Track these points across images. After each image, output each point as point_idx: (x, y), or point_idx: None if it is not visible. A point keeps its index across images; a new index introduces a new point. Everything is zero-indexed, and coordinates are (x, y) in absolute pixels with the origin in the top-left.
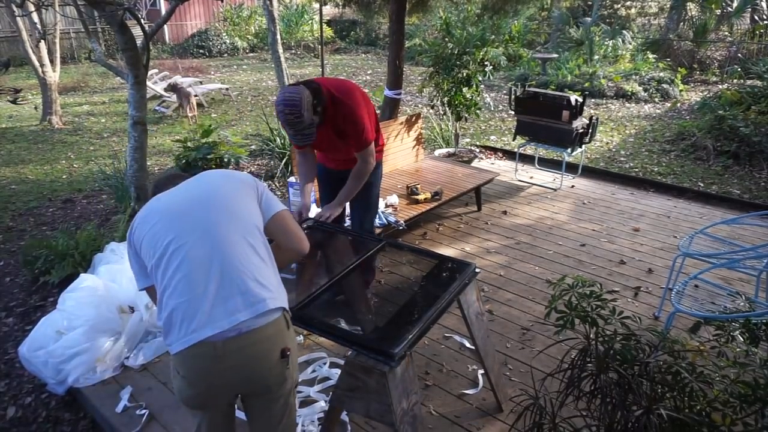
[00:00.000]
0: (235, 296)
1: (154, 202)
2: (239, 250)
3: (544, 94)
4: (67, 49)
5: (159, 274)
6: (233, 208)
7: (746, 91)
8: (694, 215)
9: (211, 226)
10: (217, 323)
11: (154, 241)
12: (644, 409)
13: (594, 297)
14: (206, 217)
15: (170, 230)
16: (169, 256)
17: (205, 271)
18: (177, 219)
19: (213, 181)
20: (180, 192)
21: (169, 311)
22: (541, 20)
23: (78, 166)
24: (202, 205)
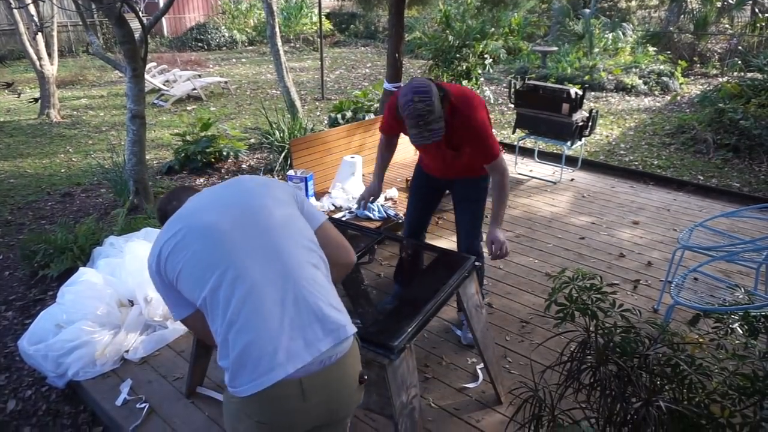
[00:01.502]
0: (312, 325)
1: (178, 222)
2: (307, 272)
3: (543, 87)
4: (65, 43)
5: (217, 308)
6: (286, 223)
7: (746, 84)
8: (694, 208)
9: (271, 246)
10: (298, 358)
11: (201, 270)
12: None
13: (594, 290)
14: (261, 237)
15: (221, 256)
16: (228, 286)
17: (278, 299)
18: (225, 241)
19: (252, 192)
20: (214, 207)
21: (241, 349)
22: (541, 13)
23: (76, 160)
24: (252, 222)
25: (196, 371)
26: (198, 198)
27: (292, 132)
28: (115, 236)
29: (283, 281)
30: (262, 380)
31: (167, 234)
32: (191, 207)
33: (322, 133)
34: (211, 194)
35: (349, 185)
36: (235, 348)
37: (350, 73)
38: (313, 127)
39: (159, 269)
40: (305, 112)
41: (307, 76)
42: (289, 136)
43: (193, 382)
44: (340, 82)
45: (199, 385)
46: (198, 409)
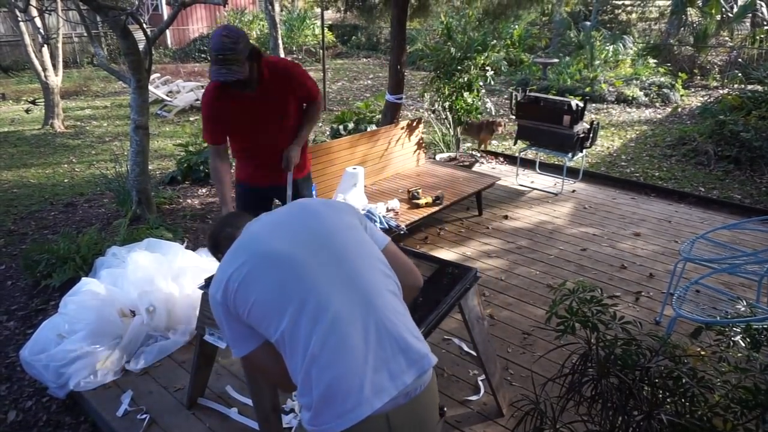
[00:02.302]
0: (396, 356)
1: (243, 252)
2: (387, 300)
3: (545, 98)
4: (70, 54)
5: (298, 342)
6: (360, 248)
7: (747, 96)
8: (695, 220)
9: (348, 273)
10: (385, 392)
11: (278, 302)
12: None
13: (595, 302)
14: (337, 264)
15: (298, 286)
16: (309, 318)
17: (361, 331)
18: (300, 270)
19: (320, 216)
20: (282, 234)
21: (327, 385)
22: (542, 25)
23: (80, 170)
24: (325, 247)
25: (198, 382)
26: (259, 224)
27: None
28: (117, 246)
29: (365, 311)
30: (349, 416)
31: (233, 264)
32: (254, 234)
33: (325, 144)
34: (274, 220)
35: (351, 196)
36: (320, 384)
37: (352, 85)
38: (315, 138)
39: (226, 301)
40: None
41: None
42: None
43: (195, 393)
44: (343, 94)
45: (201, 396)
46: (199, 420)
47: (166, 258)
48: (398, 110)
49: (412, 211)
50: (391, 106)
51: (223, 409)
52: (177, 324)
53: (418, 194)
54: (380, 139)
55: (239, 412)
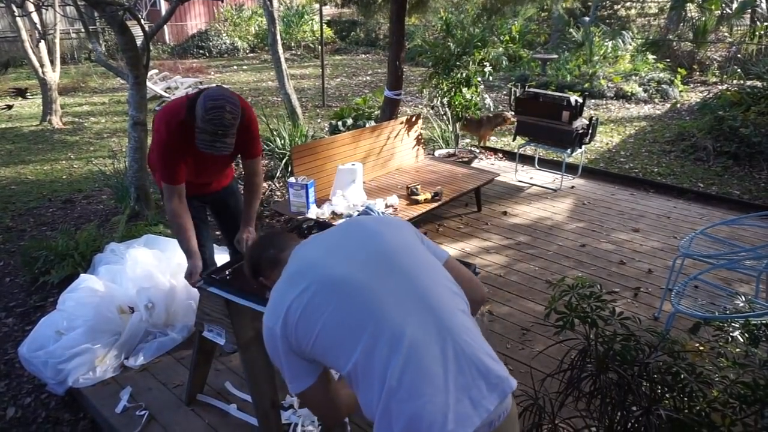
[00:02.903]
0: (477, 381)
1: (301, 278)
2: (460, 321)
3: (544, 94)
4: (68, 50)
5: (373, 374)
6: (426, 267)
7: (746, 92)
8: (694, 216)
9: (418, 295)
10: (468, 421)
11: (348, 331)
12: (644, 410)
13: (594, 298)
14: (405, 285)
15: (368, 313)
16: (384, 347)
17: (440, 357)
18: (367, 295)
19: (378, 235)
20: (340, 256)
21: (408, 419)
22: (541, 21)
23: (78, 167)
24: (389, 269)
25: (197, 379)
26: (312, 247)
27: (293, 139)
28: (116, 243)
29: (440, 334)
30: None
31: (292, 292)
32: (310, 258)
33: (323, 140)
34: (329, 242)
35: (349, 192)
36: (401, 419)
37: (351, 81)
38: (314, 134)
39: (286, 333)
40: (306, 119)
41: (308, 83)
42: (290, 143)
43: (194, 389)
44: (341, 90)
45: (200, 392)
46: (198, 416)
47: (165, 254)
48: (397, 106)
49: (411, 207)
50: (390, 102)
51: (222, 406)
52: (176, 320)
53: (417, 190)
54: (379, 135)
55: (238, 408)
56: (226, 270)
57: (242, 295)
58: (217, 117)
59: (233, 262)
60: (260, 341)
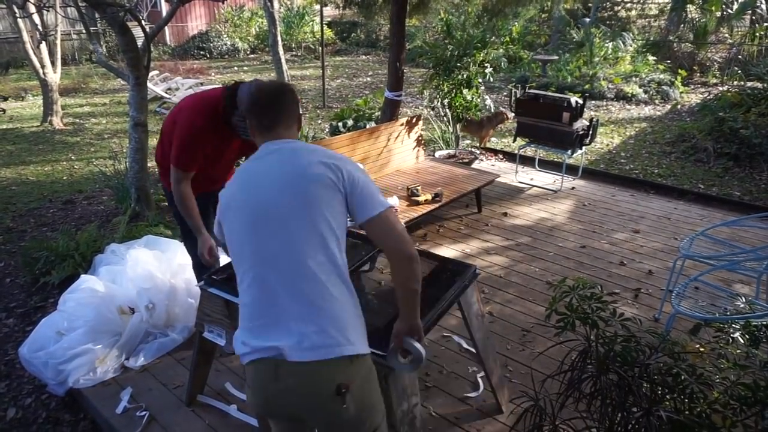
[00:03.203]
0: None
1: (241, 189)
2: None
3: (544, 95)
4: (68, 51)
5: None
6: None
7: (746, 93)
8: (695, 217)
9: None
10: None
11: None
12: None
13: (594, 299)
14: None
15: (246, 243)
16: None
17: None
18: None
19: (295, 166)
20: (256, 186)
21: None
22: (542, 22)
23: (78, 167)
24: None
25: (197, 379)
26: (256, 163)
27: None
28: (116, 243)
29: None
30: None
31: (230, 188)
32: (249, 173)
33: (324, 141)
34: (263, 165)
35: None
36: None
37: (351, 82)
38: (314, 135)
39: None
40: (307, 120)
41: (309, 84)
42: None
43: (194, 390)
44: (342, 91)
45: (200, 393)
46: (198, 417)
47: (165, 255)
48: (397, 107)
49: (412, 208)
50: (391, 103)
51: (222, 406)
52: (176, 321)
53: (417, 191)
54: (379, 136)
55: (239, 408)
56: (226, 271)
57: None
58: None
59: None
60: None
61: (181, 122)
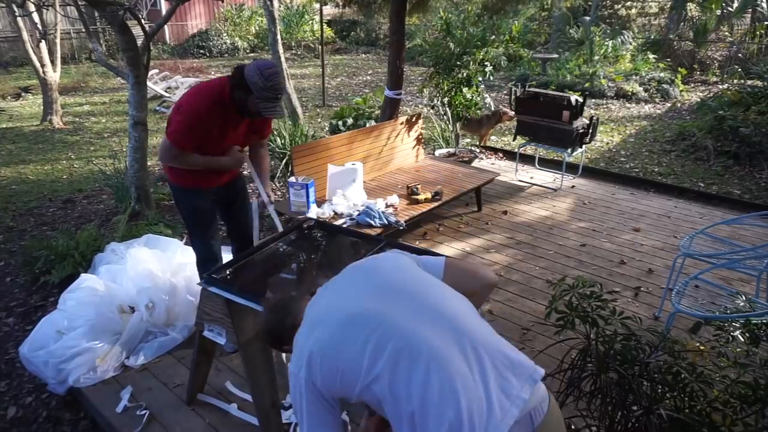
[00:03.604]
0: (505, 373)
1: (318, 324)
2: (471, 321)
3: (544, 94)
4: (68, 50)
5: (398, 389)
6: (427, 284)
7: (746, 92)
8: (695, 215)
9: (430, 308)
10: (507, 413)
11: (368, 358)
12: (644, 409)
13: (594, 297)
14: (416, 303)
15: (384, 335)
16: (405, 362)
17: (462, 358)
18: (381, 319)
19: (379, 269)
20: (349, 297)
21: (450, 421)
22: (542, 21)
23: (78, 166)
24: (397, 293)
25: (197, 378)
26: (323, 296)
27: (294, 139)
28: (116, 243)
29: (456, 338)
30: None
31: (309, 337)
32: (323, 306)
33: (324, 140)
34: (336, 288)
35: (350, 192)
36: (443, 423)
37: (351, 80)
38: (314, 133)
39: (311, 377)
40: (306, 118)
41: (309, 83)
42: (291, 142)
43: (194, 389)
44: (341, 89)
45: (200, 392)
46: (199, 416)
47: (165, 254)
48: (397, 106)
49: (412, 206)
50: (390, 101)
51: (222, 405)
52: (176, 320)
53: (417, 190)
54: (379, 134)
55: (239, 407)
56: (227, 269)
57: (243, 294)
58: (277, 82)
59: (235, 261)
60: (261, 340)
61: (186, 106)
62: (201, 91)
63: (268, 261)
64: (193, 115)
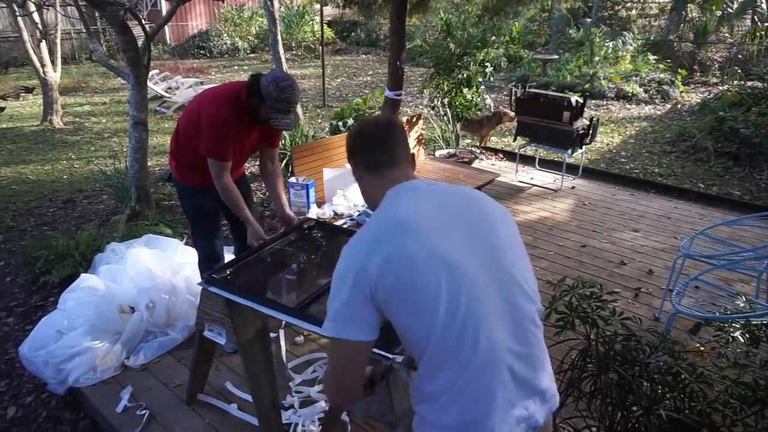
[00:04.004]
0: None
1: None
2: (534, 336)
3: (544, 95)
4: (68, 50)
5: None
6: (523, 277)
7: (747, 93)
8: (695, 216)
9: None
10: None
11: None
12: (644, 410)
13: (594, 298)
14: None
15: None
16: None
17: (509, 374)
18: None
19: (493, 223)
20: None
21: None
22: (542, 21)
23: (79, 167)
24: (500, 268)
25: (197, 378)
26: (412, 203)
27: (294, 139)
28: (116, 243)
29: (516, 351)
30: None
31: (376, 255)
32: (410, 216)
33: (324, 140)
34: (436, 204)
35: (350, 192)
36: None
37: (351, 81)
38: (314, 134)
39: (369, 278)
40: (307, 119)
41: (309, 84)
42: (291, 143)
43: (194, 389)
44: (342, 90)
45: (200, 392)
46: (199, 416)
47: (166, 254)
48: (398, 107)
49: None
50: (391, 102)
51: (222, 405)
52: (176, 320)
53: None
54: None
55: (239, 408)
56: (227, 269)
57: (243, 294)
58: (291, 95)
59: (235, 261)
60: (261, 341)
61: (206, 116)
62: (216, 96)
63: (269, 261)
64: (216, 122)
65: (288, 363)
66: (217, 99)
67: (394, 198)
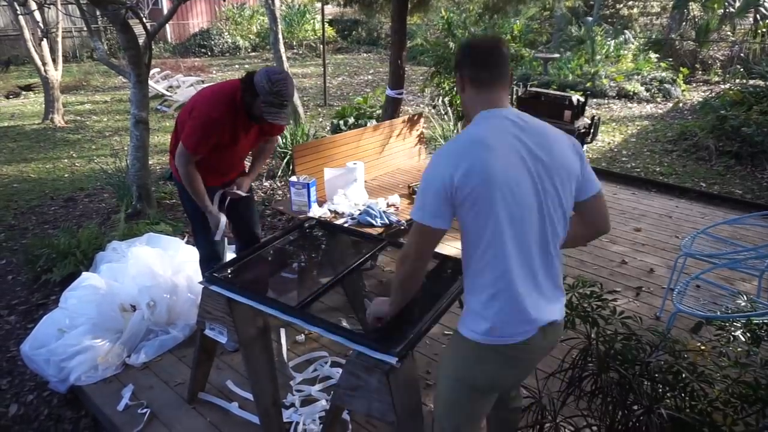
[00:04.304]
0: (557, 295)
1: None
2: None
3: (545, 93)
4: (70, 48)
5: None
6: (567, 201)
7: (748, 91)
8: (696, 215)
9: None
10: (549, 312)
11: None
12: (645, 409)
13: (595, 297)
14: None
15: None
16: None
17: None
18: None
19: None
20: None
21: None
22: (543, 20)
23: (80, 165)
24: (545, 188)
25: (198, 377)
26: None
27: (295, 138)
28: (117, 241)
29: (544, 257)
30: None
31: (459, 167)
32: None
33: (325, 139)
34: (512, 133)
35: (351, 191)
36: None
37: (352, 80)
38: (315, 133)
39: (454, 183)
40: (308, 118)
41: (310, 83)
42: (292, 142)
43: (195, 387)
44: (343, 89)
45: (201, 390)
46: (200, 414)
47: (167, 253)
48: (399, 105)
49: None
50: (392, 101)
51: (223, 404)
52: (177, 319)
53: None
54: (381, 134)
55: (240, 406)
56: (228, 268)
57: (244, 293)
58: (284, 88)
59: (236, 260)
60: (262, 339)
61: (198, 110)
62: (214, 94)
63: (270, 260)
64: (206, 120)
65: (289, 362)
66: (215, 97)
67: (482, 122)
